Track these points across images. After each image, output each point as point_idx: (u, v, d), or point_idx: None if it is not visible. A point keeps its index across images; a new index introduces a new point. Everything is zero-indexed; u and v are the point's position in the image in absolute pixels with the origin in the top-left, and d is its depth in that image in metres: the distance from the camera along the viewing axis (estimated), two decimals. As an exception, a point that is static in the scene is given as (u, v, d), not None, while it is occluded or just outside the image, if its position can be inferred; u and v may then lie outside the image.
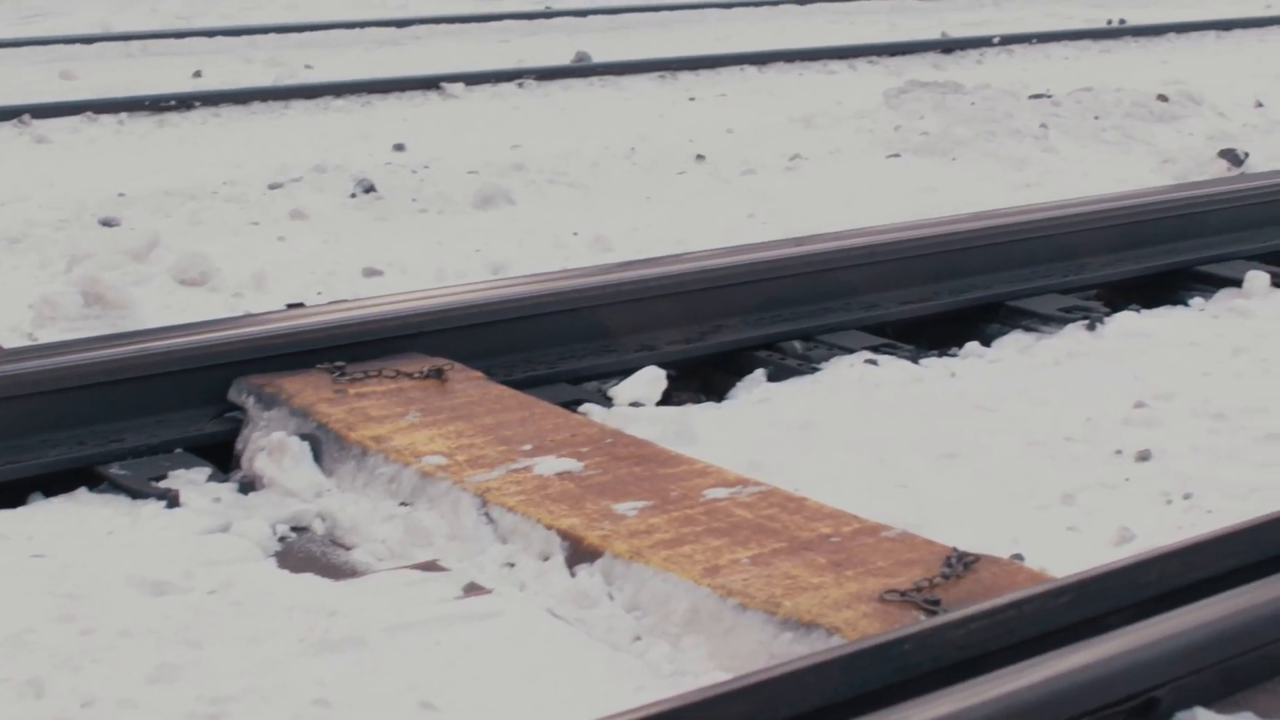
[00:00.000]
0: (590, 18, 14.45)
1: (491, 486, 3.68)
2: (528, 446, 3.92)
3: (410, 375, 4.39)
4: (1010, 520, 3.84)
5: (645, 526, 3.44)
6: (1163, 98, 9.29)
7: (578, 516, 3.51)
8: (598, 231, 6.55)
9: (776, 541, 3.36)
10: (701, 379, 5.13)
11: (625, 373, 4.81)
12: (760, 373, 5.02)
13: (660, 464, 3.83)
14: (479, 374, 4.48)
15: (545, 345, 4.91)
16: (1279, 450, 4.31)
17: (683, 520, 3.48)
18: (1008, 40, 13.07)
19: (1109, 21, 14.96)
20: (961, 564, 3.19)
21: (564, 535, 3.44)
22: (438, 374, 4.39)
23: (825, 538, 3.37)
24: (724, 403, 4.85)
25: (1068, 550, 3.66)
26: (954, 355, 5.26)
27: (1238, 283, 5.92)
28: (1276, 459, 4.26)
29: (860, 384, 4.82)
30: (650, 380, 4.70)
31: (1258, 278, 5.90)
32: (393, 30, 13.98)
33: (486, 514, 3.60)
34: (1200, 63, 12.40)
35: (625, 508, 3.54)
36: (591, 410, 4.49)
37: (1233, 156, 7.99)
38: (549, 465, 3.79)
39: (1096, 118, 8.83)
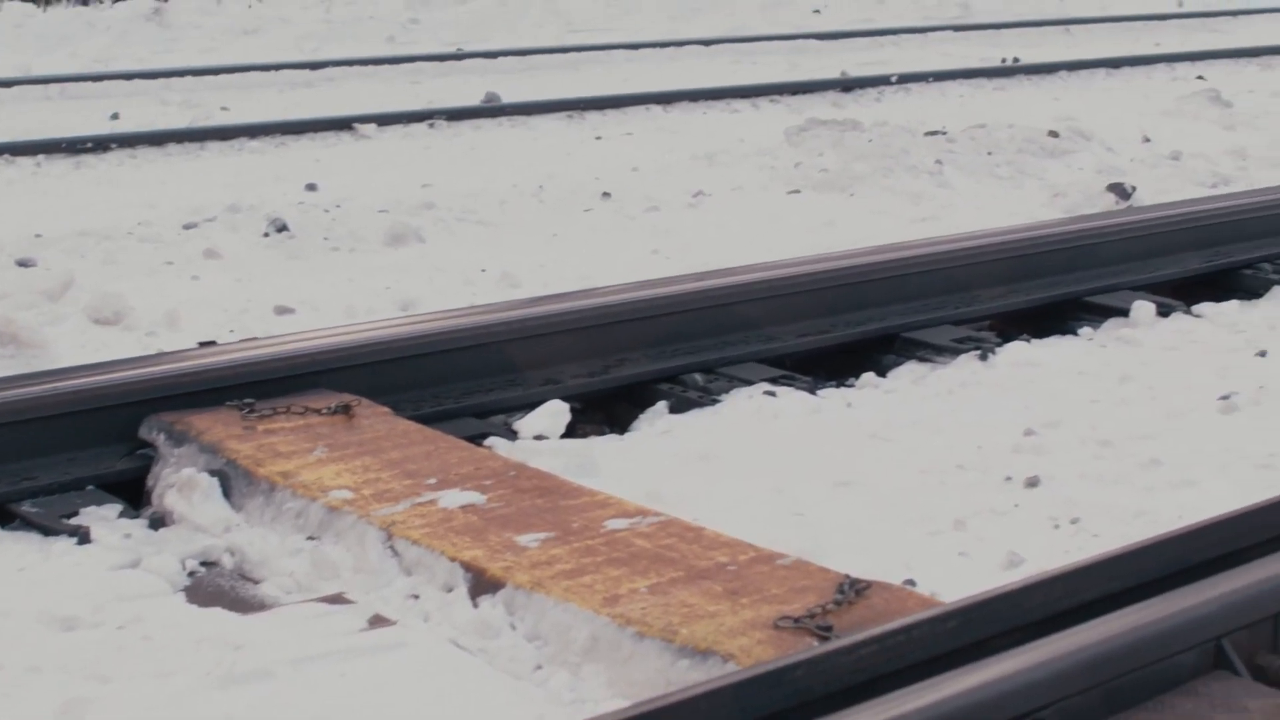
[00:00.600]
0: (500, 59, 14.43)
1: (397, 520, 3.66)
2: (433, 480, 3.91)
3: (318, 411, 4.37)
4: (903, 546, 3.85)
5: (547, 557, 3.43)
6: (1054, 134, 9.35)
7: (481, 548, 3.49)
8: (505, 268, 6.53)
9: (674, 571, 3.35)
10: (605, 412, 5.12)
11: (530, 406, 4.80)
12: (662, 405, 5.01)
13: (562, 496, 3.82)
14: (386, 409, 4.46)
15: (452, 380, 4.89)
16: (1163, 475, 4.34)
17: (583, 551, 3.47)
18: (905, 79, 13.13)
19: (1003, 60, 15.07)
20: (853, 590, 3.19)
21: (467, 567, 3.43)
22: (345, 410, 4.36)
23: (722, 566, 3.37)
24: (627, 435, 4.85)
25: (959, 575, 3.67)
26: (851, 386, 5.28)
27: (1125, 312, 5.96)
28: (1161, 484, 4.29)
29: (759, 415, 4.83)
30: (554, 413, 4.69)
31: (1144, 307, 5.95)
32: (306, 72, 13.92)
33: (392, 547, 3.58)
34: (1090, 99, 12.50)
35: (527, 539, 3.53)
36: (497, 444, 4.48)
37: (1121, 190, 8.05)
38: (453, 498, 3.77)
39: (990, 153, 8.88)
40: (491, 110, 11.14)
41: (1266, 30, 19.22)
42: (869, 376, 5.33)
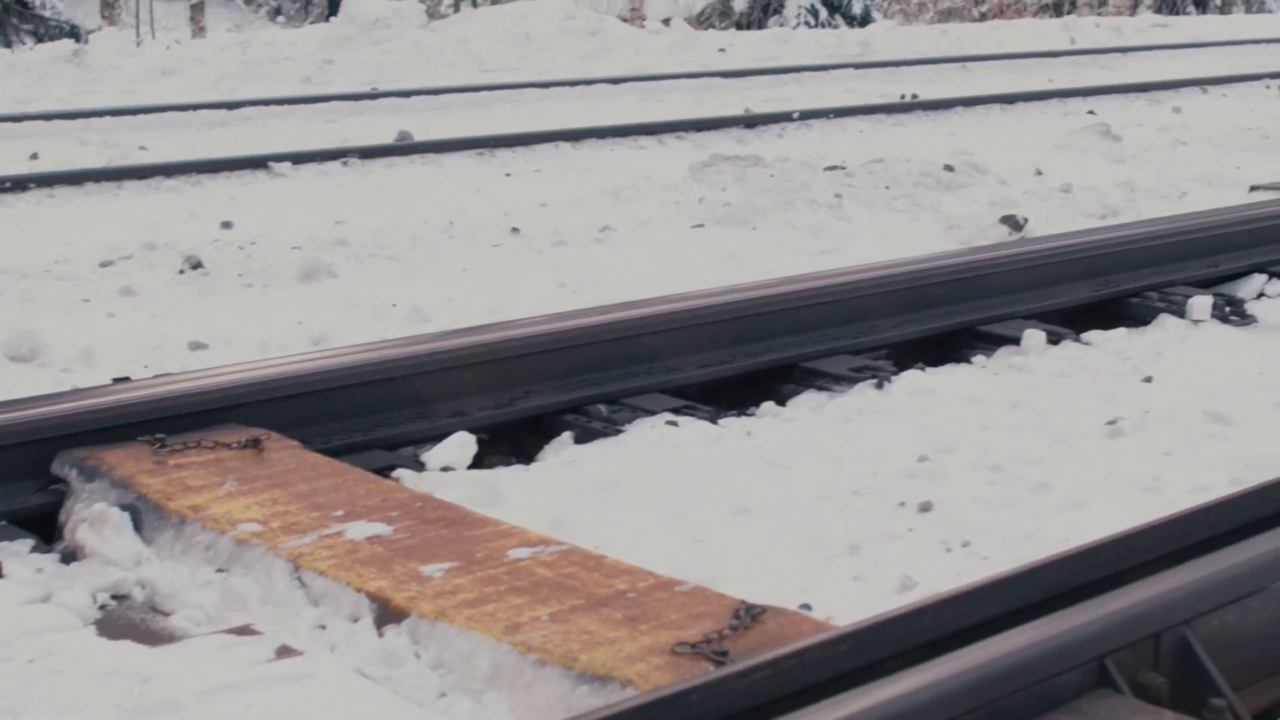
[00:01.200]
0: (414, 98, 14.40)
1: (304, 552, 3.63)
2: (340, 512, 3.88)
3: (228, 445, 4.33)
4: (800, 571, 3.86)
5: (451, 587, 3.42)
6: (949, 168, 9.40)
7: (386, 579, 3.47)
8: (415, 303, 6.51)
9: (575, 598, 3.34)
10: (512, 442, 5.11)
11: (438, 438, 4.78)
12: (568, 435, 5.01)
13: (467, 526, 3.80)
14: (295, 443, 4.43)
15: (362, 413, 4.87)
16: (1051, 499, 4.37)
17: (486, 580, 3.45)
18: (807, 115, 13.18)
19: (902, 96, 15.15)
20: (749, 616, 3.19)
21: (373, 597, 3.41)
22: (255, 444, 4.33)
23: (622, 594, 3.36)
24: (532, 465, 4.83)
25: (854, 599, 3.67)
26: (751, 415, 5.28)
27: (1016, 341, 6.00)
28: (1049, 506, 4.32)
29: (661, 444, 4.83)
30: (460, 445, 4.68)
31: (1035, 336, 5.99)
32: (224, 112, 13.86)
33: (299, 578, 3.56)
34: (985, 134, 12.60)
35: (432, 569, 3.51)
36: (404, 475, 4.46)
37: (1013, 222, 8.10)
38: (360, 530, 3.75)
39: (888, 187, 8.92)
40: (404, 148, 11.10)
41: (1155, 66, 19.42)
42: (769, 405, 5.34)
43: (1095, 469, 4.61)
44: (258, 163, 10.60)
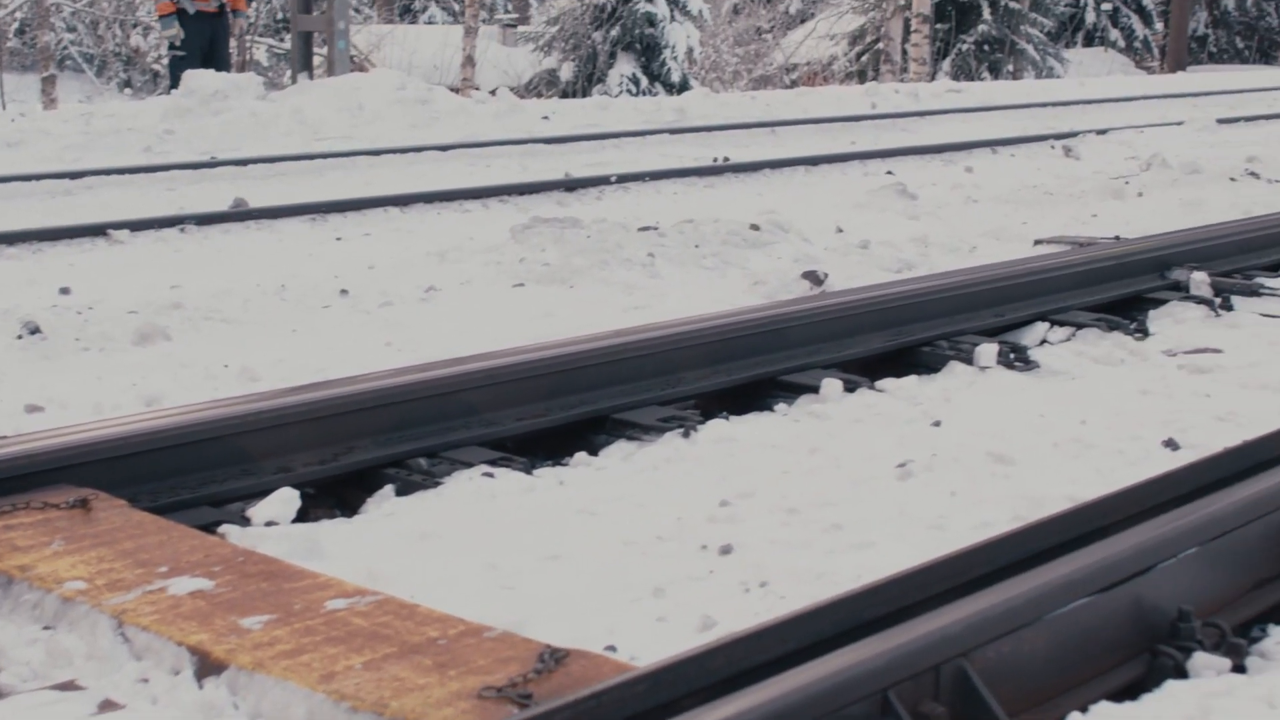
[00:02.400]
0: (250, 166, 14.25)
1: (128, 608, 3.56)
2: (164, 568, 3.81)
3: (57, 506, 4.24)
4: (606, 614, 3.84)
5: (269, 639, 3.36)
6: (755, 226, 9.44)
7: (207, 632, 3.41)
8: (246, 363, 6.43)
9: (388, 647, 3.30)
10: (337, 496, 5.06)
11: (264, 494, 4.72)
12: (389, 488, 4.96)
13: (286, 579, 3.75)
14: (123, 502, 4.34)
15: (189, 471, 4.79)
16: (844, 538, 4.39)
17: (303, 631, 3.41)
18: (624, 179, 13.20)
19: (714, 159, 15.22)
20: (553, 659, 3.16)
21: (193, 650, 3.34)
22: (83, 504, 4.24)
23: (433, 641, 3.33)
24: (355, 518, 4.78)
25: (657, 639, 3.66)
26: (565, 465, 5.27)
27: (816, 389, 6.04)
28: (841, 546, 4.34)
29: (477, 495, 4.80)
30: (284, 500, 4.62)
31: (832, 384, 6.03)
32: (67, 181, 13.60)
33: (123, 634, 3.48)
34: (790, 194, 12.69)
35: (251, 622, 3.46)
36: (230, 531, 4.39)
37: (814, 277, 8.17)
38: (183, 585, 3.68)
39: (697, 246, 8.95)
40: (239, 215, 10.97)
41: (949, 129, 19.70)
42: (581, 455, 5.33)
43: (885, 509, 4.64)
44: (97, 230, 10.40)
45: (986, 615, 3.32)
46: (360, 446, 5.13)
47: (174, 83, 18.03)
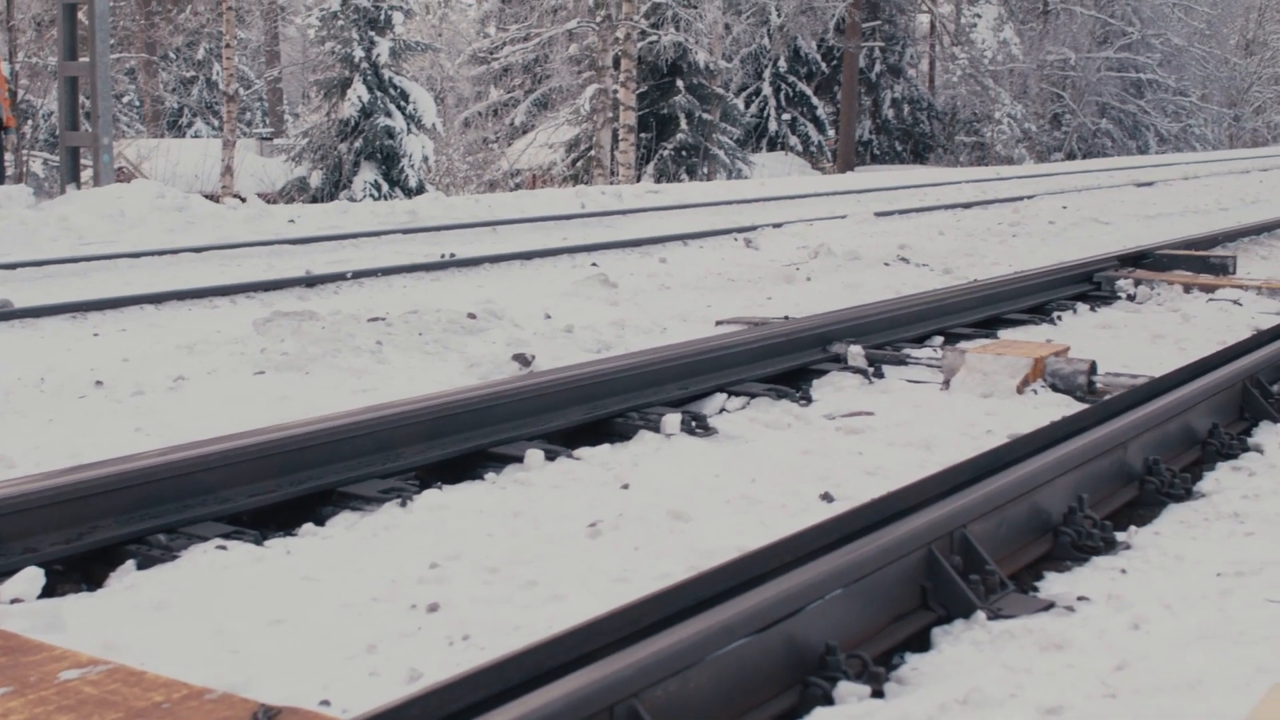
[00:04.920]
0: (19, 270, 13.73)
1: None
2: (-92, 648, 3.63)
3: None
4: (322, 671, 3.75)
5: (3, 710, 3.21)
6: (472, 315, 9.40)
7: (-56, 707, 3.25)
8: (3, 452, 6.17)
9: (115, 713, 3.18)
10: (83, 572, 4.87)
11: (11, 573, 4.52)
12: (131, 563, 4.80)
13: (25, 653, 3.58)
14: (-126, 587, 4.14)
15: (-60, 556, 4.59)
16: (538, 593, 4.36)
17: (37, 702, 3.26)
18: (359, 275, 13.03)
19: (441, 255, 15.14)
20: (267, 717, 3.07)
21: (-69, 725, 3.19)
22: None
23: (158, 705, 3.21)
24: (97, 591, 4.60)
25: (368, 693, 3.59)
26: (294, 535, 5.16)
27: (520, 459, 6.01)
28: (536, 601, 4.30)
29: (211, 566, 4.66)
30: (29, 578, 4.43)
31: (535, 454, 6.01)
32: None
33: None
34: (506, 285, 12.67)
35: (-13, 695, 3.31)
36: (-24, 610, 4.21)
37: (522, 359, 8.15)
38: (-75, 663, 3.51)
39: (421, 334, 8.87)
40: (4, 314, 10.57)
41: (648, 224, 19.88)
42: (309, 526, 5.23)
43: (576, 565, 4.62)
44: None
45: (656, 658, 3.31)
46: (104, 525, 4.96)
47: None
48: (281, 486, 5.48)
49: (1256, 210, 22.23)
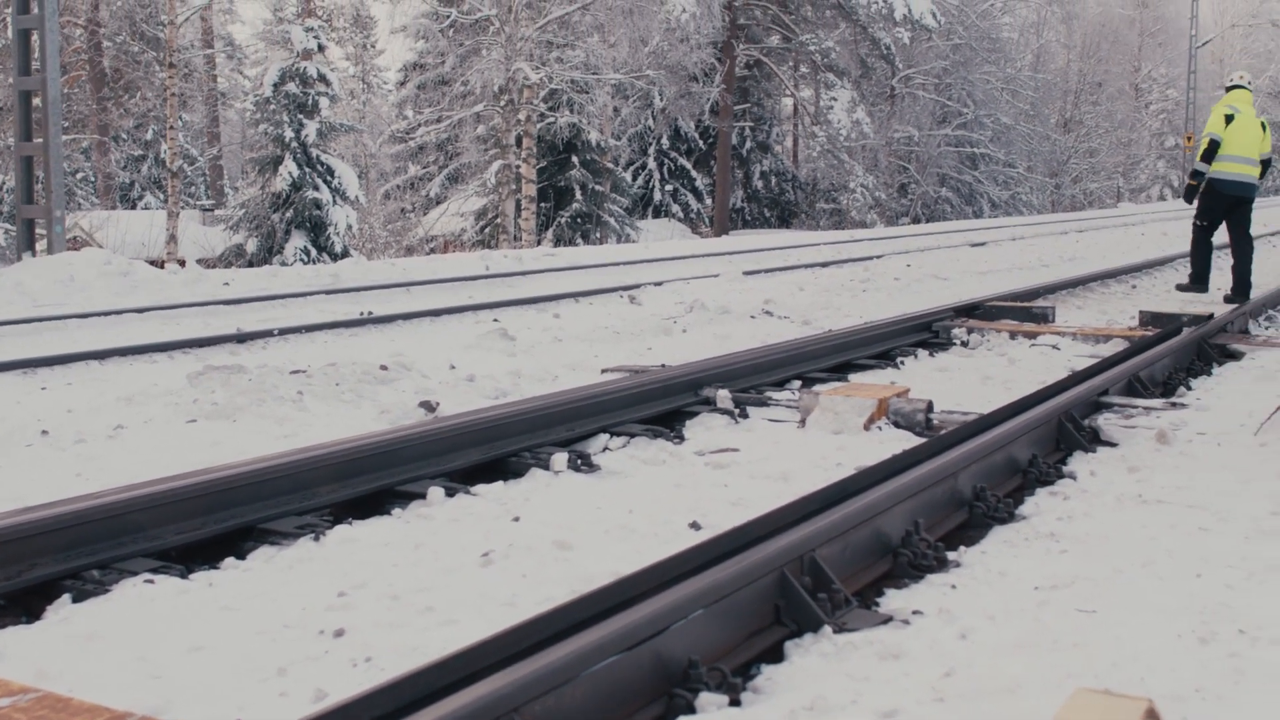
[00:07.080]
0: (-27, 331, 13.50)
1: None
2: None
3: None
4: (237, 694, 3.66)
5: (-64, 738, 3.11)
6: (384, 367, 9.31)
7: (-117, 735, 3.13)
8: (-48, 499, 6.02)
9: (41, 737, 3.08)
10: (23, 606, 4.73)
11: (-46, 609, 4.40)
12: (67, 597, 4.67)
13: (-40, 684, 3.47)
14: None
15: (-110, 594, 4.44)
16: (435, 618, 4.28)
17: (-32, 728, 3.16)
18: (285, 331, 12.87)
19: (360, 313, 14.99)
20: (180, 738, 2.99)
21: None
22: None
23: (81, 729, 3.12)
24: (35, 624, 4.47)
25: (278, 713, 3.50)
26: (217, 568, 5.05)
27: (424, 496, 5.94)
28: (432, 624, 4.22)
29: (139, 599, 4.55)
30: (-29, 614, 4.31)
31: (437, 491, 5.94)
32: None
33: None
34: (417, 340, 12.56)
35: (-77, 723, 3.19)
36: (-80, 643, 4.07)
37: (428, 405, 8.07)
38: None
39: (338, 384, 8.76)
40: (-40, 372, 10.35)
41: (545, 284, 19.84)
42: (231, 560, 5.12)
43: (470, 592, 4.55)
44: None
45: (534, 675, 3.26)
46: (43, 563, 4.83)
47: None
48: (207, 524, 5.37)
49: (1074, 266, 22.57)
